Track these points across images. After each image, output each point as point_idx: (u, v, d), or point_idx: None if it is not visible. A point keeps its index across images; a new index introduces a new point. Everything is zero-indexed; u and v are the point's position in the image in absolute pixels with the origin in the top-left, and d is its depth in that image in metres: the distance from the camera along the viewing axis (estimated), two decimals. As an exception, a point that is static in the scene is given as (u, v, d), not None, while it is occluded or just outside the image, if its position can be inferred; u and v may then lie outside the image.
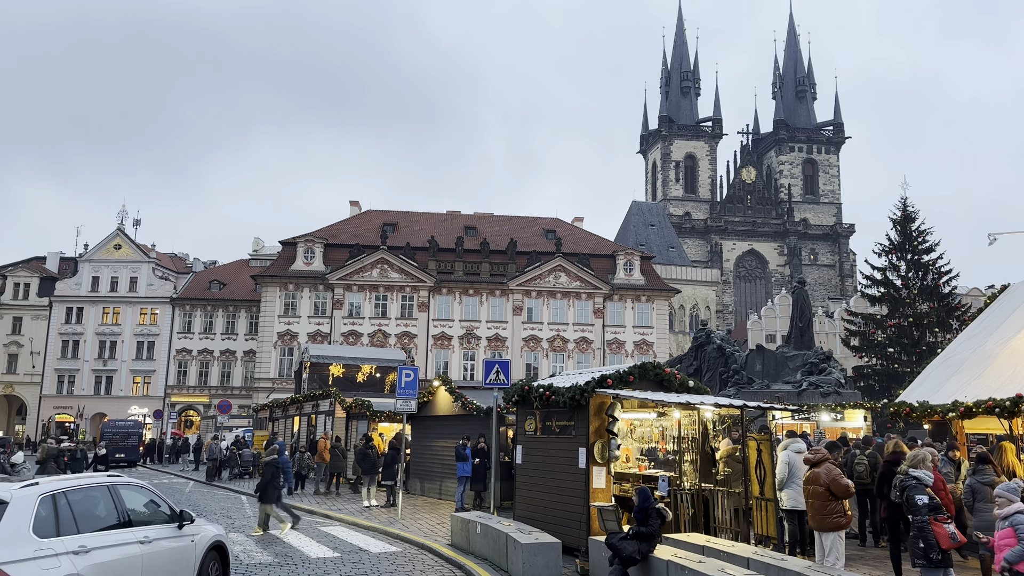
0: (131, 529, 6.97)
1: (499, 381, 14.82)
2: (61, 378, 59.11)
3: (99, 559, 6.33)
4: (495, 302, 54.24)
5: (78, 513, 6.47)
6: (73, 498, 6.53)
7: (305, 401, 31.01)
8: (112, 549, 6.57)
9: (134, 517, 7.13)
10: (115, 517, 6.91)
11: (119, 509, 7.01)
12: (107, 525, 6.78)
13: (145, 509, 7.46)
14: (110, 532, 6.73)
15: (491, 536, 11.14)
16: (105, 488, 7.08)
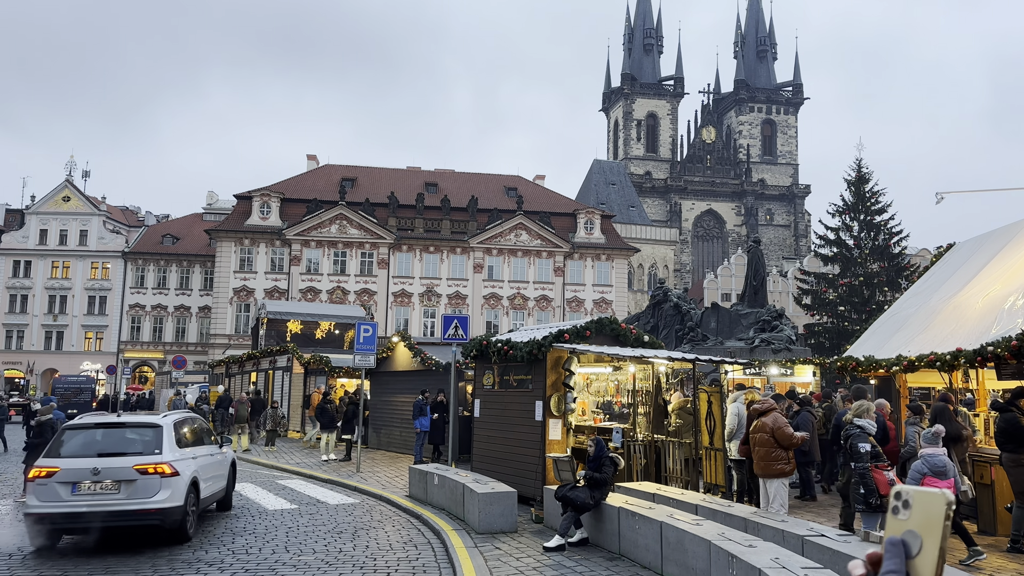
0: (204, 446, 10.68)
1: (458, 336, 14.88)
2: (9, 333, 57.59)
3: (201, 462, 10.19)
4: (456, 260, 54.10)
5: (181, 435, 10.03)
6: (180, 426, 10.16)
7: (262, 357, 30.79)
8: (203, 457, 10.34)
9: (204, 439, 10.94)
10: (198, 439, 10.68)
11: (199, 435, 10.81)
12: (194, 443, 10.37)
13: (205, 436, 11.14)
14: (198, 447, 10.39)
15: (448, 487, 11.30)
16: (192, 420, 11.01)
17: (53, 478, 8.76)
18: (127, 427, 9.97)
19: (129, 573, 7.87)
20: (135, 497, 8.84)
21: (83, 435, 9.62)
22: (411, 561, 8.45)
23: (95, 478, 8.82)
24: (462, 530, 9.75)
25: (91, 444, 9.49)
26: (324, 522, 10.74)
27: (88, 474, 8.83)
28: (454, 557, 8.33)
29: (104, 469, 8.91)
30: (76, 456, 9.11)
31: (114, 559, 8.50)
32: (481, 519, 9.75)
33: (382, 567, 8.15)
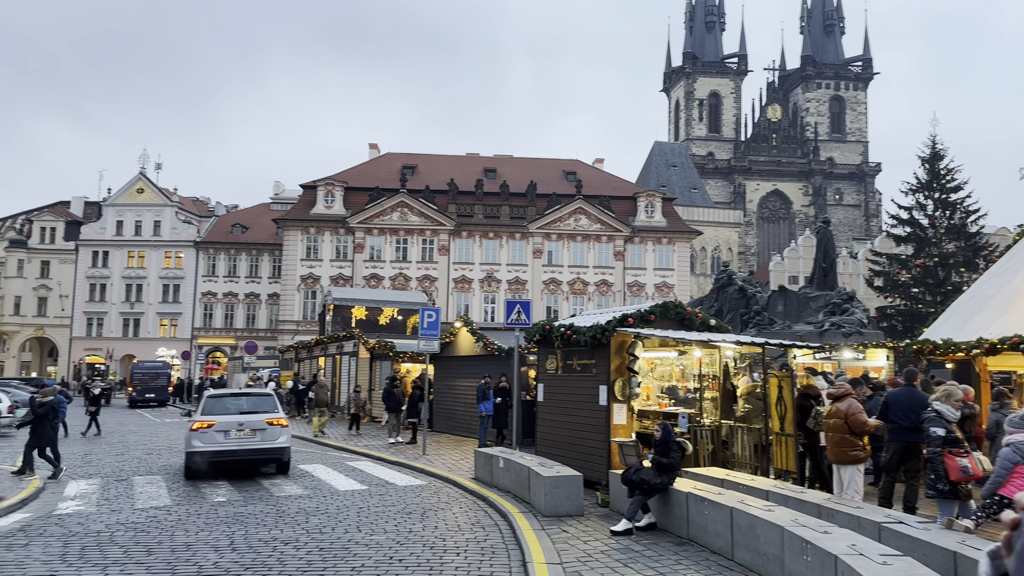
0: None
1: (520, 321, 14.93)
2: (90, 321, 60.35)
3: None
4: (515, 245, 54.19)
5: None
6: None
7: (329, 342, 31.49)
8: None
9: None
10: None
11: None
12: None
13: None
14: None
15: (514, 470, 11.39)
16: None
17: (212, 428, 13.21)
18: (252, 396, 15.05)
19: (208, 550, 8.19)
20: (266, 441, 13.52)
21: (223, 401, 14.38)
22: (479, 542, 8.57)
23: (240, 428, 13.41)
24: (528, 513, 9.82)
25: (232, 406, 14.06)
26: (393, 503, 10.97)
27: (235, 425, 13.40)
28: (522, 539, 8.41)
29: (246, 422, 13.53)
30: (224, 414, 13.59)
31: (198, 542, 8.87)
32: (547, 502, 9.81)
33: (451, 547, 8.28)
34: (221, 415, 13.59)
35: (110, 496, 11.64)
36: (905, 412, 8.84)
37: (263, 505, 10.84)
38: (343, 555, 7.92)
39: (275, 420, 13.73)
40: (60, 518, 9.94)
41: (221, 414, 13.62)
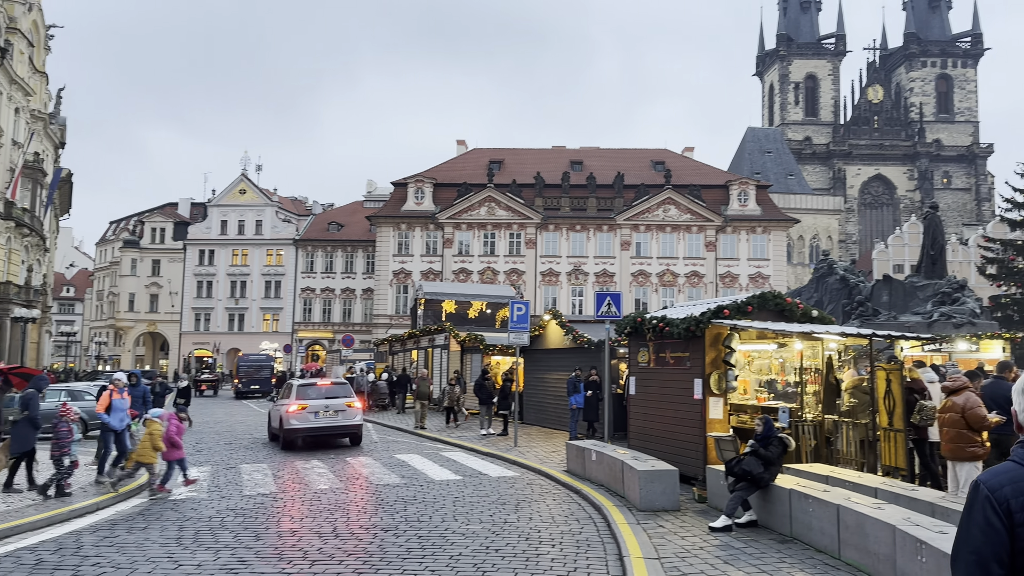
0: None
1: (611, 313, 14.79)
2: (198, 316, 63.65)
3: None
4: (602, 237, 53.77)
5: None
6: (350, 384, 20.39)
7: (421, 335, 32.10)
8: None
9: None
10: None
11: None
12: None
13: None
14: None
15: (606, 463, 11.30)
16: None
17: (305, 410, 16.52)
18: (334, 384, 18.45)
19: (312, 536, 8.49)
20: (345, 419, 16.90)
21: (311, 388, 17.60)
22: (574, 535, 8.55)
23: (325, 410, 16.71)
24: (623, 506, 9.74)
25: (318, 392, 17.37)
26: (487, 493, 11.09)
27: (323, 407, 16.73)
28: (617, 533, 8.34)
29: (330, 404, 16.86)
30: (314, 399, 16.93)
31: (303, 528, 9.21)
32: (642, 496, 9.69)
33: (546, 539, 8.30)
34: (311, 399, 16.86)
35: (220, 483, 12.25)
36: (989, 404, 8.65)
37: (363, 493, 11.16)
38: (441, 543, 8.06)
39: (350, 403, 17.21)
40: (175, 503, 10.52)
41: (311, 399, 16.91)
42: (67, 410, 11.07)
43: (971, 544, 2.10)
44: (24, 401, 10.91)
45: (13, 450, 10.85)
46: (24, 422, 10.77)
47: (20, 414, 10.83)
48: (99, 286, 76.06)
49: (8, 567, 7.17)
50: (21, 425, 10.76)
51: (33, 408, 10.82)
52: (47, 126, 47.41)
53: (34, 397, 11.00)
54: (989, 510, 2.08)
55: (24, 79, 41.19)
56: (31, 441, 10.88)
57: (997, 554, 2.05)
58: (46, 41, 46.78)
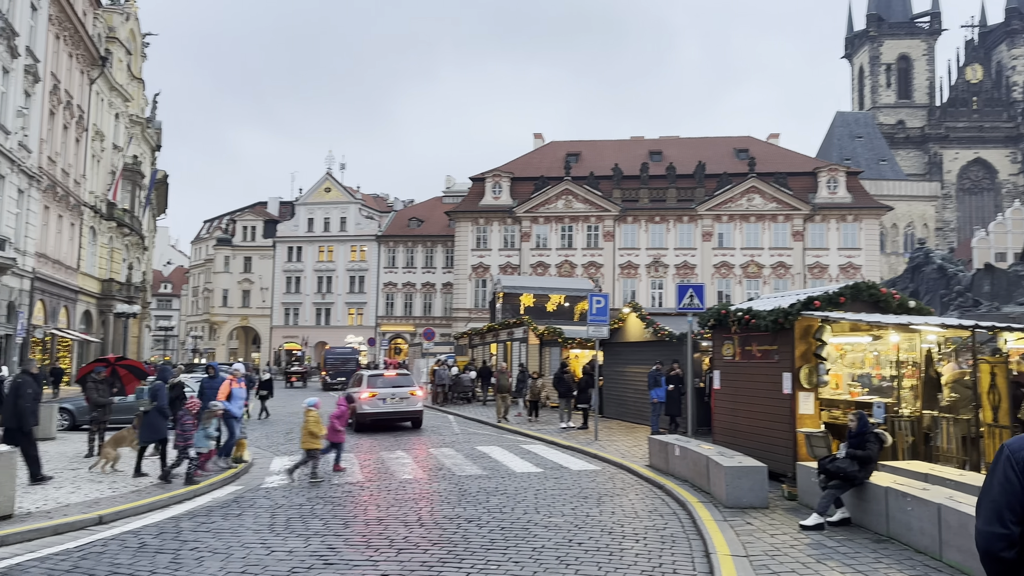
0: None
1: (693, 306, 14.49)
2: (287, 310, 65.92)
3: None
4: (683, 229, 52.79)
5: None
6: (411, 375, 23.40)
7: (500, 329, 32.29)
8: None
9: None
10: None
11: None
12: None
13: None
14: None
15: (691, 459, 11.09)
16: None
17: (375, 397, 18.96)
18: (399, 375, 20.77)
19: (398, 524, 8.65)
20: (408, 406, 19.27)
21: (380, 378, 19.97)
22: (658, 530, 8.42)
23: (392, 397, 19.06)
24: (708, 503, 9.53)
25: (385, 382, 19.73)
26: (569, 487, 11.05)
27: (390, 395, 19.10)
28: (703, 529, 8.16)
29: (396, 392, 19.22)
30: (382, 388, 19.30)
31: (388, 517, 9.40)
32: (729, 493, 9.46)
33: (630, 534, 8.20)
34: (380, 388, 19.33)
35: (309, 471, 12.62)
36: None
37: (446, 484, 11.31)
38: (523, 535, 8.08)
39: (413, 391, 19.62)
40: (267, 491, 10.91)
41: (380, 387, 19.35)
42: (193, 403, 11.68)
43: (991, 495, 2.60)
44: (153, 392, 11.62)
45: (143, 438, 11.49)
46: (154, 412, 11.45)
47: (150, 404, 11.53)
48: (194, 282, 79.75)
49: (115, 549, 7.58)
50: (151, 415, 11.42)
51: (161, 398, 11.52)
52: (144, 130, 49.92)
53: (161, 388, 11.68)
54: (1008, 467, 2.57)
55: (123, 86, 43.46)
56: (162, 430, 11.49)
57: (1011, 504, 2.54)
58: (142, 49, 49.22)
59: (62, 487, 10.54)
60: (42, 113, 31.02)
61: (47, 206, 32.11)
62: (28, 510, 8.93)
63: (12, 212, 27.99)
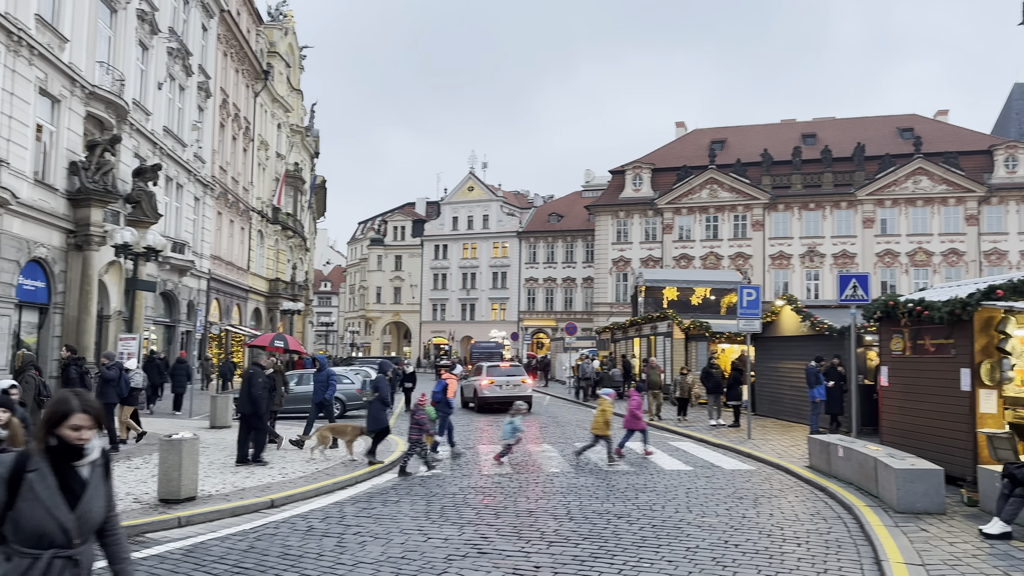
0: None
1: (857, 297, 13.57)
2: (435, 306, 68.29)
3: None
4: (840, 215, 49.74)
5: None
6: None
7: (643, 323, 31.79)
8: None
9: None
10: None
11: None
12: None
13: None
14: None
15: (856, 460, 10.41)
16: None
17: (493, 383, 22.65)
18: (512, 366, 24.71)
19: (548, 517, 8.69)
20: (520, 392, 22.06)
21: (497, 368, 23.59)
22: (822, 534, 7.96)
23: (507, 383, 22.67)
24: (876, 507, 8.90)
25: (501, 372, 23.66)
26: (722, 486, 10.68)
27: (505, 382, 22.79)
28: (872, 535, 7.63)
29: (510, 380, 22.97)
30: (499, 376, 23.04)
31: (538, 509, 9.48)
32: (900, 497, 8.78)
33: (791, 537, 7.80)
34: (497, 376, 23.15)
35: (461, 462, 12.99)
36: None
37: (594, 479, 11.25)
38: (676, 534, 7.88)
39: (523, 379, 23.41)
40: (423, 480, 11.31)
41: (497, 376, 23.25)
42: (425, 399, 12.53)
43: None
44: (375, 385, 12.65)
45: (370, 428, 12.39)
46: (376, 402, 12.41)
47: (372, 395, 12.58)
48: (351, 281, 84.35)
49: (285, 532, 8.11)
50: (374, 405, 12.39)
51: (383, 390, 12.47)
52: (303, 138, 53.27)
53: (382, 380, 12.66)
54: None
55: (283, 97, 46.57)
56: (384, 420, 12.38)
57: None
58: (300, 61, 52.51)
59: (238, 472, 11.43)
60: (213, 126, 33.81)
61: (220, 212, 34.98)
62: (209, 493, 9.74)
63: (190, 218, 30.72)
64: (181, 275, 29.55)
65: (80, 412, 2.91)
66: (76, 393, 3.00)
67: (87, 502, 2.92)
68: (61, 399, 2.97)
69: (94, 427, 2.95)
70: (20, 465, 2.86)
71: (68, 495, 2.87)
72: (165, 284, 28.09)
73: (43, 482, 2.85)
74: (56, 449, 2.90)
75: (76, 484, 2.91)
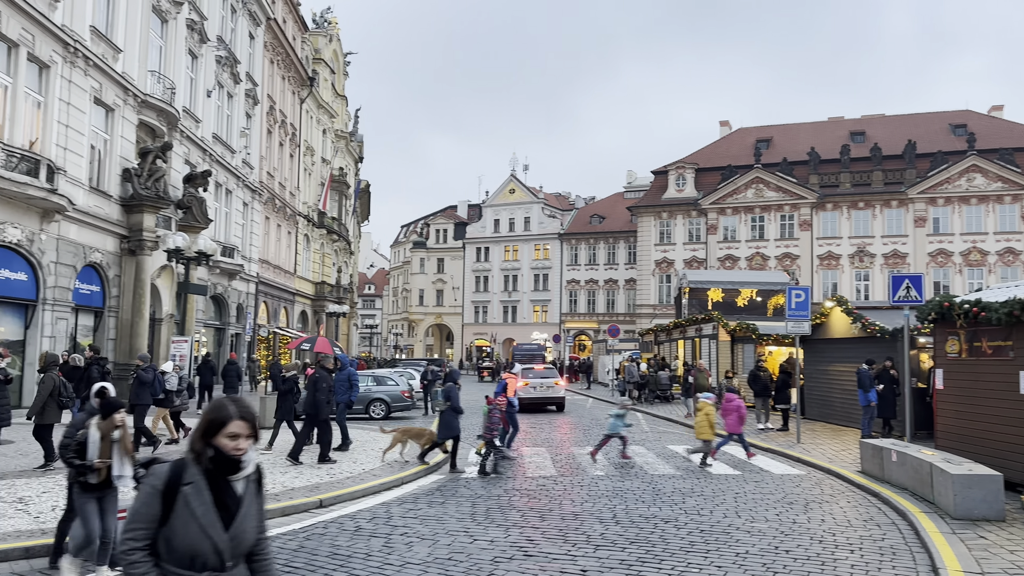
0: None
1: (910, 298, 13.22)
2: (477, 308, 68.55)
3: None
4: (891, 214, 48.55)
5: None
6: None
7: (688, 325, 31.45)
8: None
9: None
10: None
11: None
12: None
13: None
14: None
15: (910, 465, 10.14)
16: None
17: (528, 385, 22.53)
18: (546, 369, 25.74)
19: (593, 520, 8.64)
20: (553, 393, 23.53)
21: (531, 371, 24.25)
22: (875, 541, 7.76)
23: (540, 385, 23.33)
24: (932, 513, 8.65)
25: (535, 374, 24.34)
26: (771, 491, 10.50)
27: (539, 384, 23.45)
28: (928, 542, 7.42)
29: (543, 382, 23.68)
30: (533, 378, 23.46)
31: (583, 512, 9.43)
32: (957, 503, 8.53)
33: (843, 543, 7.63)
34: (531, 379, 23.56)
35: (505, 463, 12.99)
36: None
37: (639, 482, 11.16)
38: (725, 539, 7.77)
39: (556, 381, 24.16)
40: (467, 481, 11.35)
41: (531, 378, 23.62)
42: (501, 400, 12.71)
43: None
44: (446, 393, 12.83)
45: (441, 436, 12.57)
46: (449, 411, 12.60)
47: (444, 405, 12.76)
48: (394, 283, 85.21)
49: (334, 532, 8.21)
50: (447, 414, 12.62)
51: (455, 399, 12.61)
52: (348, 143, 53.98)
53: (453, 390, 12.79)
54: None
55: (328, 103, 47.26)
56: (456, 428, 12.54)
57: None
58: (344, 67, 53.24)
59: (287, 472, 11.62)
60: (261, 132, 34.48)
61: (267, 216, 35.64)
62: (261, 490, 9.91)
63: (238, 223, 31.36)
64: (230, 279, 30.18)
65: (238, 419, 2.63)
66: (233, 399, 2.73)
67: (241, 521, 2.65)
68: (218, 405, 2.69)
69: (251, 436, 2.67)
70: (176, 477, 2.60)
71: (223, 512, 2.61)
72: (215, 288, 28.72)
73: (199, 497, 2.58)
74: (212, 460, 2.62)
75: (231, 500, 2.65)
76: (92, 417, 6.11)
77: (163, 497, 2.57)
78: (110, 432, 6.02)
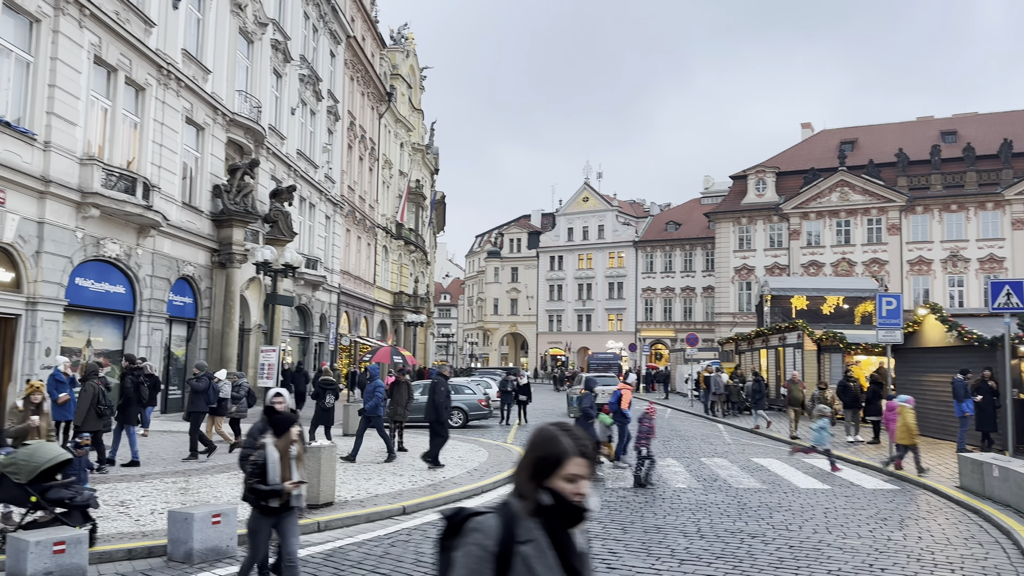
0: None
1: (1011, 305, 12.53)
2: (551, 317, 68.50)
3: None
4: (986, 216, 46.10)
5: None
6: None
7: (770, 334, 30.61)
8: None
9: None
10: None
11: None
12: None
13: None
14: None
15: (1014, 481, 9.59)
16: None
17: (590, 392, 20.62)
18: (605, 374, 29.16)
19: (677, 534, 8.49)
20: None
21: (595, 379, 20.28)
22: (977, 560, 7.37)
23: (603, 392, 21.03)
24: (1042, 534, 8.15)
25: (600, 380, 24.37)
26: (863, 506, 10.10)
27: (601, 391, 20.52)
28: (1039, 566, 6.99)
29: (606, 390, 21.70)
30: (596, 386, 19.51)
31: (666, 525, 9.29)
32: (1070, 524, 8.01)
33: (943, 563, 7.27)
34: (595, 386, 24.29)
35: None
36: None
37: (723, 496, 10.91)
38: (815, 556, 7.51)
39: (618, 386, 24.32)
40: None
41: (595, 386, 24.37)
42: (652, 409, 12.80)
43: None
44: (580, 400, 13.41)
45: None
46: (582, 419, 13.17)
47: (578, 411, 13.36)
48: (469, 293, 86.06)
49: (418, 539, 8.32)
50: (579, 423, 13.08)
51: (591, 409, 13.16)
52: (424, 156, 54.95)
53: (588, 397, 13.40)
54: None
55: (405, 117, 48.27)
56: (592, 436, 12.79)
57: None
58: (420, 82, 54.27)
59: (370, 479, 11.86)
60: (342, 147, 35.47)
61: (348, 229, 36.60)
62: (345, 499, 10.14)
63: (321, 236, 32.32)
64: (314, 290, 31.11)
65: (576, 456, 2.05)
66: (566, 430, 2.12)
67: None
68: (550, 438, 2.09)
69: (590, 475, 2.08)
70: (509, 535, 2.01)
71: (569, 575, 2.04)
72: (300, 298, 29.66)
73: (541, 558, 2.01)
74: (551, 510, 2.04)
75: (575, 558, 2.08)
76: (263, 435, 5.57)
77: (497, 562, 1.99)
78: (287, 449, 5.56)
